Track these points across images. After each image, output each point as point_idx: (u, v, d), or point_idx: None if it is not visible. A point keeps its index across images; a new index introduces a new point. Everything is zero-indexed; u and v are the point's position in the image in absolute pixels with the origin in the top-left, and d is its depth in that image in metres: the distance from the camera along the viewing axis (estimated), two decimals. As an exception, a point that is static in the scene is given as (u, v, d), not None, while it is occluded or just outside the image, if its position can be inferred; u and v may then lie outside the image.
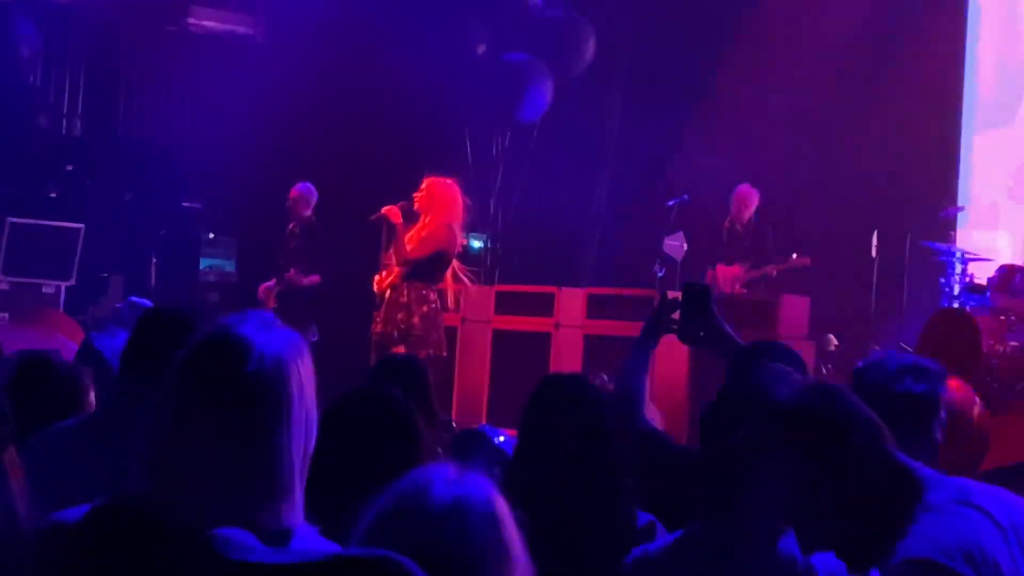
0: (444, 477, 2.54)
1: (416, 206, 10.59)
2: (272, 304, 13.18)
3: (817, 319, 11.85)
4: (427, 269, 10.51)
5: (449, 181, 10.62)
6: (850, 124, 13.71)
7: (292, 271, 13.26)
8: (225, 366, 2.43)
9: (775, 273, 12.75)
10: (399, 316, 10.45)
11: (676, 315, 4.93)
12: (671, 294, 5.20)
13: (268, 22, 16.15)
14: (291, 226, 13.49)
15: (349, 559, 2.38)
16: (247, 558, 2.39)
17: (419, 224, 10.60)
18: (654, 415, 4.84)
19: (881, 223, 12.62)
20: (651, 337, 4.95)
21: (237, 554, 2.39)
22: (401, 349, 10.21)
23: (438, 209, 10.53)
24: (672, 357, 10.28)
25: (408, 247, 10.44)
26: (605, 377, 9.55)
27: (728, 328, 4.85)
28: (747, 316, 10.99)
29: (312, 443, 2.52)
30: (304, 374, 2.49)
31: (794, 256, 12.75)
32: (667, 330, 4.98)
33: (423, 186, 10.57)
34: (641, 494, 4.15)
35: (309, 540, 2.45)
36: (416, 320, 10.40)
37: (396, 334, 10.40)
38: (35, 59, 15.62)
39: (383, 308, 10.58)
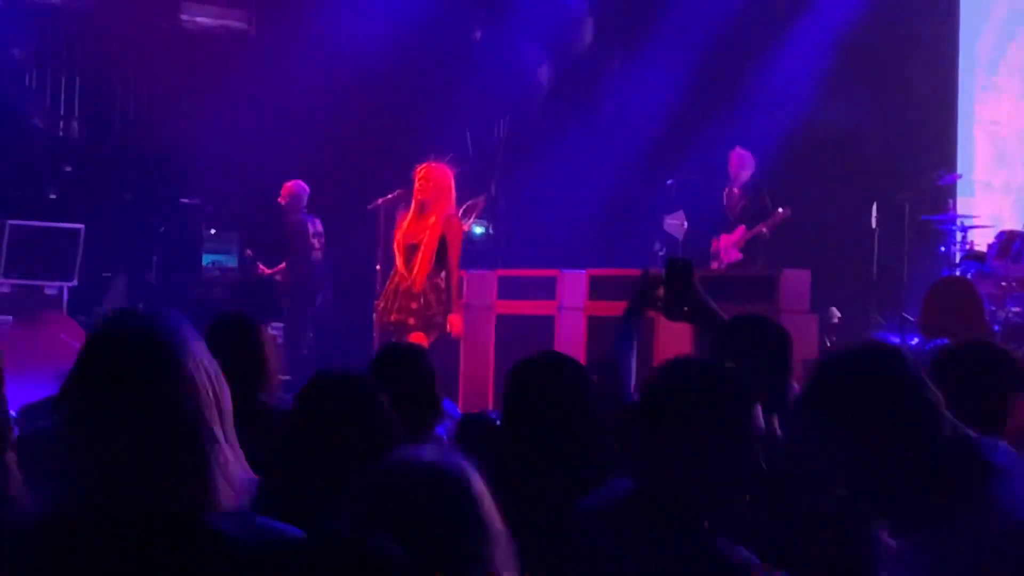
0: (419, 456, 2.55)
1: (419, 196, 10.55)
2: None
3: (819, 292, 11.82)
4: (442, 260, 10.52)
5: (443, 166, 10.61)
6: (846, 94, 13.66)
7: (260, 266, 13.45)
8: (120, 355, 2.45)
9: (767, 231, 12.62)
10: (413, 305, 10.45)
11: (661, 291, 4.93)
12: (653, 270, 5.19)
13: (261, 16, 16.15)
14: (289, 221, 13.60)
15: (328, 537, 2.39)
16: (223, 540, 2.40)
17: (421, 214, 10.55)
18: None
19: (880, 194, 12.59)
20: (635, 313, 4.95)
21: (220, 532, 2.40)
22: (420, 336, 10.24)
23: (444, 200, 10.52)
24: (676, 338, 10.28)
25: (452, 263, 10.48)
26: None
27: (711, 302, 4.85)
28: (748, 291, 10.96)
29: (222, 425, 2.52)
30: (198, 355, 2.50)
31: (779, 211, 12.63)
32: (651, 306, 4.98)
33: (422, 174, 10.53)
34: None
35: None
36: (437, 309, 10.41)
37: (413, 322, 10.40)
38: (29, 61, 15.63)
39: (395, 297, 10.56)
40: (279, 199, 13.66)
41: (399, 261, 10.59)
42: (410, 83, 14.62)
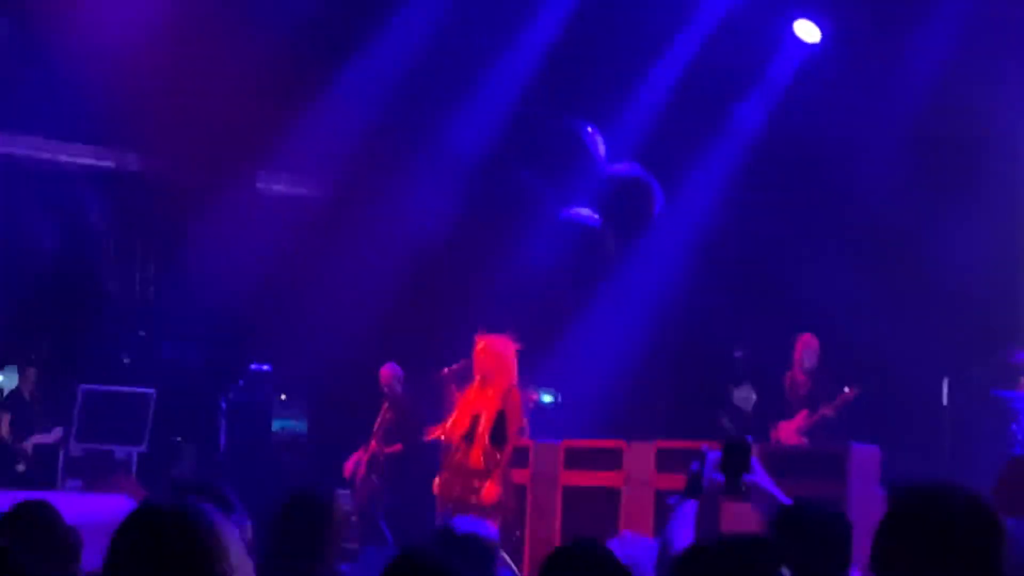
0: None
1: (480, 370, 10.52)
2: (361, 476, 13.49)
3: (890, 469, 11.66)
4: (501, 434, 10.46)
5: (503, 339, 10.59)
6: (910, 273, 13.61)
7: (374, 443, 13.53)
8: (161, 540, 2.47)
9: (832, 413, 12.50)
10: (477, 483, 10.36)
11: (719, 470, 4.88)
12: (710, 450, 5.15)
13: (335, 184, 16.37)
14: (386, 405, 13.71)
15: None
16: None
17: (483, 387, 10.51)
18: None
19: (951, 371, 12.48)
20: (692, 493, 4.90)
21: None
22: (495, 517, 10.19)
23: (504, 373, 10.48)
24: (742, 519, 10.14)
25: (509, 436, 10.43)
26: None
27: (771, 483, 4.80)
28: (816, 467, 10.85)
29: None
30: (233, 557, 2.52)
31: (845, 390, 12.51)
32: (708, 486, 4.93)
33: (479, 347, 10.51)
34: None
35: None
36: (498, 488, 10.32)
37: (475, 500, 10.30)
38: (106, 226, 15.93)
39: (458, 473, 10.46)
40: (384, 384, 13.79)
41: (459, 434, 10.52)
42: (477, 250, 14.74)
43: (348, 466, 13.75)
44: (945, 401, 12.28)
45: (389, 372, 13.79)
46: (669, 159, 14.97)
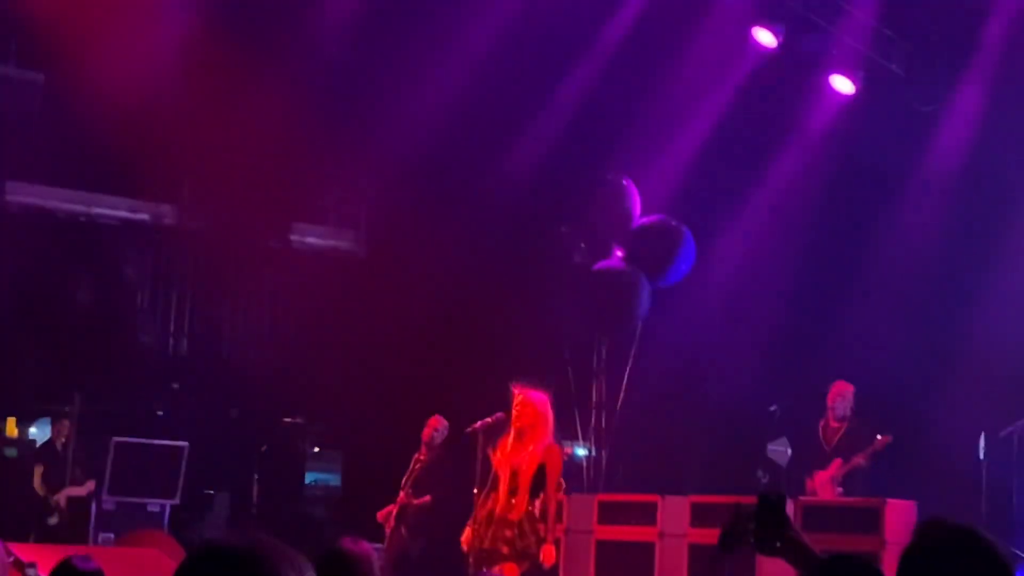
0: None
1: (517, 424, 10.50)
2: (391, 527, 13.46)
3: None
4: (539, 487, 10.43)
5: (541, 394, 10.56)
6: (947, 326, 13.54)
7: (403, 494, 13.47)
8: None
9: (864, 461, 12.38)
10: (508, 533, 10.32)
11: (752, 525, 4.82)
12: (744, 504, 5.10)
13: (369, 237, 16.42)
14: (420, 454, 13.67)
15: None
16: None
17: (519, 441, 10.48)
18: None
19: (988, 425, 12.38)
20: (727, 548, 4.84)
21: None
22: (512, 567, 10.13)
23: (541, 428, 10.47)
24: (779, 573, 10.07)
25: (550, 492, 10.43)
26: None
27: (804, 539, 4.74)
28: (852, 522, 10.76)
29: None
30: None
31: (878, 438, 12.39)
32: (743, 540, 4.87)
33: (518, 400, 10.49)
34: None
35: None
36: (531, 539, 10.28)
37: (507, 551, 10.27)
38: (142, 279, 16.00)
39: (488, 524, 10.43)
40: (428, 433, 13.76)
41: (502, 489, 10.47)
42: (507, 302, 14.72)
43: (381, 515, 13.68)
44: (982, 455, 12.16)
45: (435, 423, 13.74)
46: (703, 211, 14.94)
